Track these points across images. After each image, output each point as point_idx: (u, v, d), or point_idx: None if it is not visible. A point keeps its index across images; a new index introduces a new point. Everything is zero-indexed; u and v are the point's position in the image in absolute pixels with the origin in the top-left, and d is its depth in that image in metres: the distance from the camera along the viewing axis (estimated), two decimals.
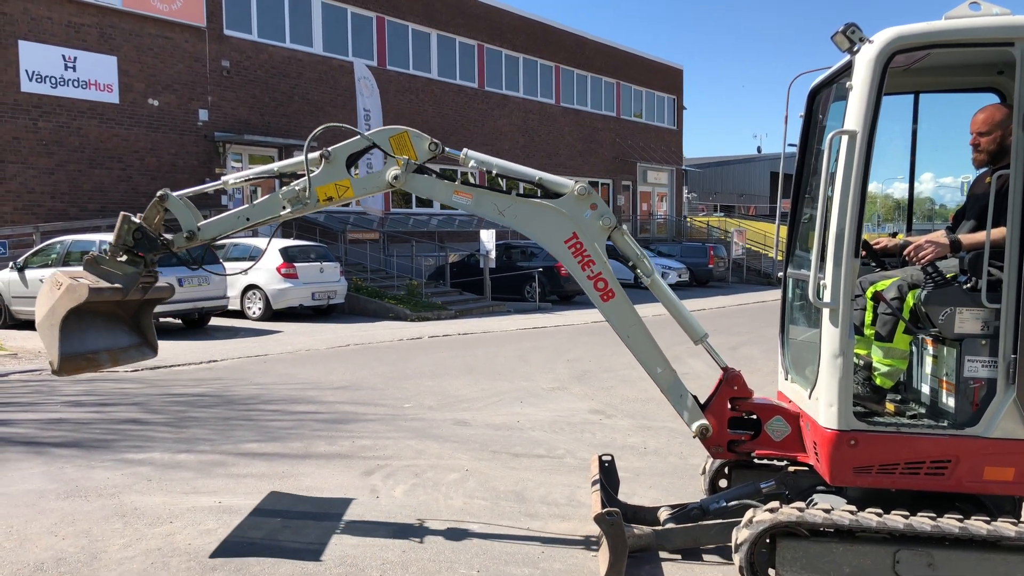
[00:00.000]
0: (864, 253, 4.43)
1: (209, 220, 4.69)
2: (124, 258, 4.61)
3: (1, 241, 16.48)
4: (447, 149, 4.51)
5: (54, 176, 18.06)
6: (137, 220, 4.58)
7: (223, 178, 4.80)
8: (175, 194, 4.66)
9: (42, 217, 17.55)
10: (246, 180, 4.84)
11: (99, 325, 4.71)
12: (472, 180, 4.69)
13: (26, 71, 17.52)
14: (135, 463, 6.28)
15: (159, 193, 4.62)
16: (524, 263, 22.63)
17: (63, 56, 18.10)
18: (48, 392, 9.33)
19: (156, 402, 8.80)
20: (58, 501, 5.37)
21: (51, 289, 4.40)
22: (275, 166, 4.74)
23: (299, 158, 4.52)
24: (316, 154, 4.48)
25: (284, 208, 4.56)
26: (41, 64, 17.74)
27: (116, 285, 4.54)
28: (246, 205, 4.67)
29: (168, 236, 4.69)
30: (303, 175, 4.51)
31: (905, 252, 3.82)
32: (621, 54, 36.99)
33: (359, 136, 4.51)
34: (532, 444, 7.04)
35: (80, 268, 4.60)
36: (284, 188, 4.56)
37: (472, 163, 4.50)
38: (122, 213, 4.63)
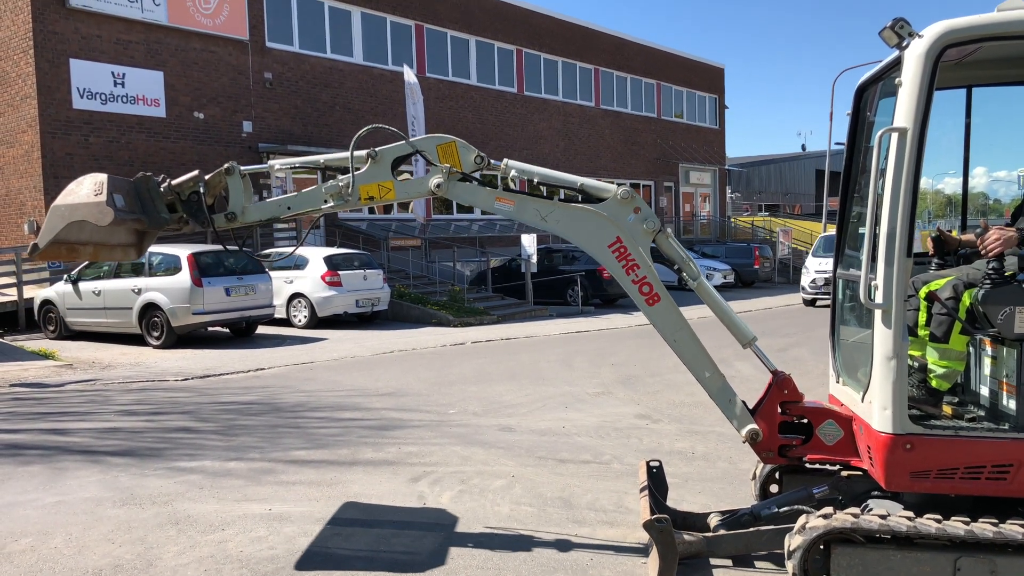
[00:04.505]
0: (933, 251, 4.34)
1: (253, 204, 4.67)
2: (170, 199, 4.63)
3: None
4: (491, 161, 4.50)
5: None
6: (202, 187, 4.58)
7: (269, 162, 4.81)
8: (242, 168, 4.64)
9: None
10: (291, 167, 4.85)
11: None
12: (513, 186, 4.64)
13: (77, 88, 17.99)
14: (187, 471, 6.39)
15: (226, 165, 4.62)
16: (566, 267, 22.58)
17: (112, 73, 18.55)
18: (102, 402, 9.54)
19: (206, 410, 8.95)
20: (114, 509, 5.48)
21: (89, 191, 4.38)
22: (321, 158, 4.74)
23: (345, 153, 4.52)
24: (363, 152, 4.47)
25: (326, 202, 4.54)
26: (91, 81, 18.21)
27: (141, 218, 4.53)
28: (292, 194, 4.68)
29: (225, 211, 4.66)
30: (347, 170, 4.49)
31: (978, 242, 3.71)
32: (661, 54, 36.75)
33: (404, 142, 4.50)
34: (578, 450, 7.01)
35: (129, 179, 4.59)
36: (329, 182, 4.54)
37: (513, 172, 4.47)
38: (198, 171, 4.66)
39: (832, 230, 28.38)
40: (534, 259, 21.14)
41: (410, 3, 25.50)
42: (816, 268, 21.65)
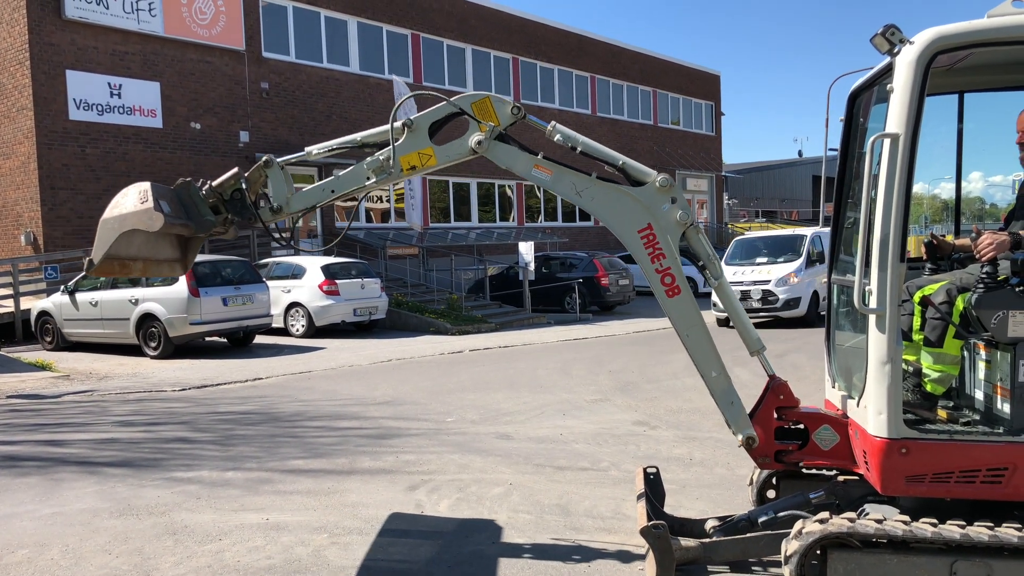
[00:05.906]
0: (925, 256, 4.36)
1: (297, 193, 4.61)
2: (212, 201, 4.59)
3: (53, 265, 16.92)
4: (532, 118, 4.44)
5: (102, 201, 18.39)
6: (244, 183, 4.55)
7: (306, 148, 4.76)
8: (279, 159, 4.61)
9: (91, 241, 17.95)
10: (329, 150, 4.76)
11: (150, 235, 4.58)
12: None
13: (74, 99, 18.02)
14: (184, 481, 6.38)
15: (264, 159, 4.58)
16: (564, 274, 22.58)
17: (108, 84, 18.59)
18: (99, 412, 9.53)
19: (203, 420, 8.94)
20: (111, 520, 5.47)
21: (136, 199, 4.36)
22: (358, 136, 4.67)
23: (382, 127, 4.47)
24: (399, 123, 4.43)
25: (369, 179, 4.50)
26: (88, 92, 18.24)
27: (188, 224, 4.51)
28: (332, 177, 4.63)
29: (263, 202, 4.65)
30: (386, 145, 4.45)
31: (972, 246, 3.73)
32: (657, 62, 36.86)
33: (444, 102, 4.44)
34: (576, 457, 7.00)
35: (170, 187, 4.56)
36: (368, 159, 4.50)
37: (558, 137, 4.42)
38: (237, 168, 4.64)
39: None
40: (532, 267, 21.15)
41: (406, 12, 25.58)
42: (728, 279, 19.10)
